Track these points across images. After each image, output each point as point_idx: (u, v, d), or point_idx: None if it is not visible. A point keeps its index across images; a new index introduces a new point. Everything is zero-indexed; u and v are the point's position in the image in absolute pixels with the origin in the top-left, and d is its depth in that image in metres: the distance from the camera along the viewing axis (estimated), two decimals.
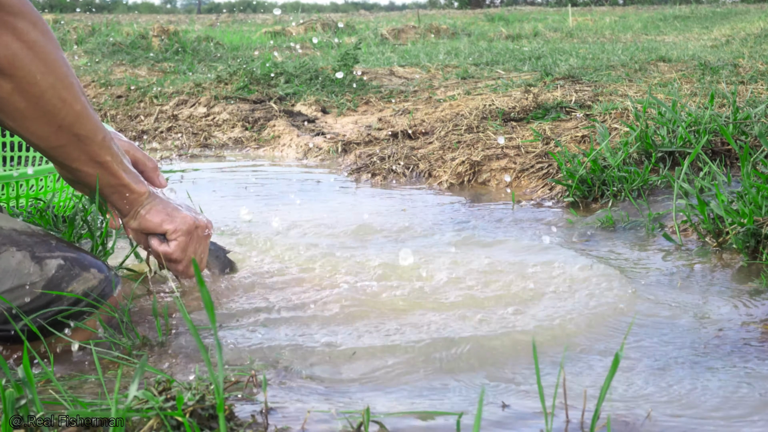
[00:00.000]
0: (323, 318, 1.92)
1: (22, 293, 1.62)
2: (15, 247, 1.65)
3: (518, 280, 2.10)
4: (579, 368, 1.61)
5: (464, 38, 12.55)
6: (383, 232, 2.70)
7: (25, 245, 1.67)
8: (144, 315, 1.97)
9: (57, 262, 1.68)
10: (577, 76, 5.36)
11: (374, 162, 3.86)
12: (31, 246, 1.67)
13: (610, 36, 11.80)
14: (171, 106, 5.76)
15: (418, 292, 2.04)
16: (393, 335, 1.79)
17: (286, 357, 1.69)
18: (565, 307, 1.90)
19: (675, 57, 6.48)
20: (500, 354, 1.68)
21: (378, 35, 12.83)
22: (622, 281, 2.09)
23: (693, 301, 1.99)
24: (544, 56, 7.34)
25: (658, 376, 1.56)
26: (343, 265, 2.31)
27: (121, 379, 1.59)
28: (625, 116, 3.79)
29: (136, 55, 8.80)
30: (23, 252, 1.65)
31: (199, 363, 1.65)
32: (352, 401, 1.48)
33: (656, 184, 2.92)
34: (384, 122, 4.77)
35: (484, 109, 4.39)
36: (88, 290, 1.69)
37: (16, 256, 1.64)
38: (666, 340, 1.74)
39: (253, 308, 2.00)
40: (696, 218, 2.51)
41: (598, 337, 1.76)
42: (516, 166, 3.45)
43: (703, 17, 16.52)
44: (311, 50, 10.54)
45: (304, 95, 5.77)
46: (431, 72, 6.74)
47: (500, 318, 1.85)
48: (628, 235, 2.60)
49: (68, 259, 1.70)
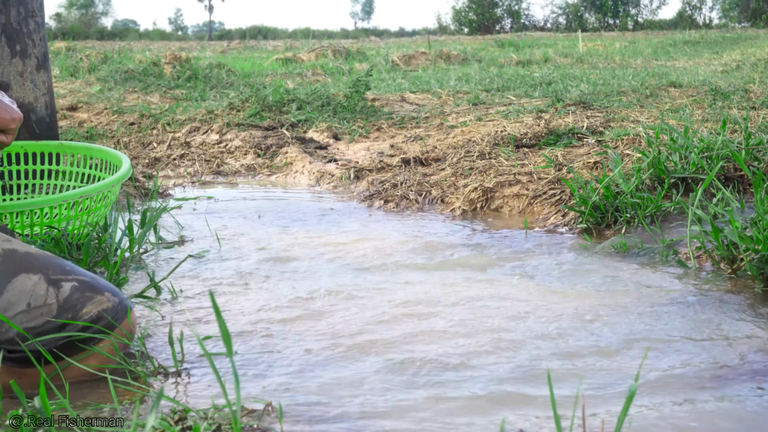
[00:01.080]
0: (343, 348, 1.92)
1: (37, 315, 1.63)
2: (31, 270, 1.67)
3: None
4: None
5: (475, 64, 12.58)
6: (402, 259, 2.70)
7: (40, 268, 1.69)
8: (158, 342, 1.97)
9: (71, 284, 1.70)
10: (589, 102, 5.37)
11: (387, 189, 3.87)
12: (46, 269, 1.69)
13: (621, 61, 11.81)
14: (183, 133, 5.79)
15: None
16: (415, 371, 1.78)
17: (302, 387, 1.68)
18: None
19: (686, 82, 6.48)
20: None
21: (389, 61, 12.87)
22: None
23: (710, 327, 1.98)
24: (554, 82, 7.35)
25: (673, 403, 1.55)
26: (362, 297, 2.31)
27: (136, 406, 1.59)
28: (637, 142, 3.79)
29: (148, 82, 8.84)
30: (38, 275, 1.67)
31: (214, 391, 1.65)
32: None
33: (669, 210, 2.92)
34: (396, 149, 4.78)
35: (496, 136, 4.40)
36: (102, 312, 1.70)
37: (32, 278, 1.66)
38: (685, 361, 1.74)
39: (267, 335, 2.00)
40: (710, 244, 2.51)
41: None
42: (528, 193, 3.45)
43: (713, 42, 16.54)
44: (322, 77, 10.57)
45: (315, 122, 5.79)
46: (442, 98, 6.75)
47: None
48: (642, 261, 2.60)
49: (82, 282, 1.72)
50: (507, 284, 2.40)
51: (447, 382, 1.69)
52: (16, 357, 1.64)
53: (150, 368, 1.77)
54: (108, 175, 3.01)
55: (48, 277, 1.68)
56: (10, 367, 1.64)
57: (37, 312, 1.64)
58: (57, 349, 1.65)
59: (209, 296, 2.07)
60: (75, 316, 1.67)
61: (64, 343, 1.66)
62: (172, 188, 4.31)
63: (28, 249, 1.73)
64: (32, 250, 1.74)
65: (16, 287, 1.64)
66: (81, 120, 6.47)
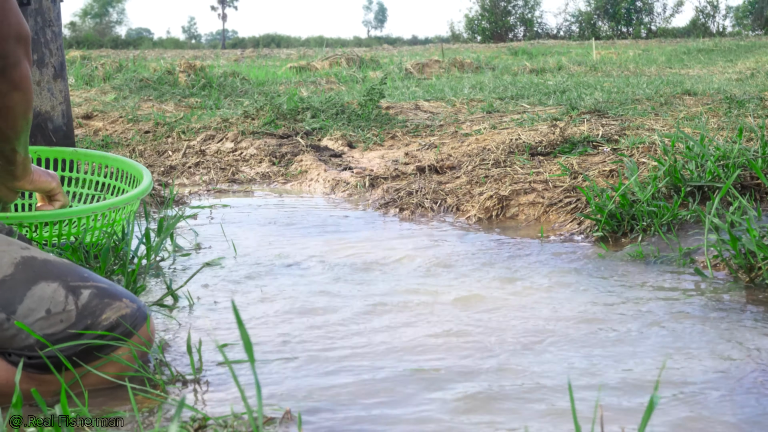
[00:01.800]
0: (362, 355, 1.92)
1: (56, 321, 1.65)
2: (50, 277, 1.69)
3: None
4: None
5: (488, 72, 12.59)
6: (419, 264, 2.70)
7: (59, 275, 1.71)
8: (176, 349, 1.98)
9: (90, 291, 1.71)
10: (603, 110, 5.36)
11: (402, 196, 3.87)
12: (64, 276, 1.71)
13: (634, 69, 11.80)
14: (198, 141, 5.81)
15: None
16: (436, 381, 1.78)
17: (321, 396, 1.68)
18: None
19: (700, 90, 6.47)
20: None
21: (402, 69, 12.89)
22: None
23: (728, 336, 1.97)
24: (568, 90, 7.35)
25: (695, 412, 1.54)
26: (385, 303, 2.31)
27: (153, 415, 1.59)
28: (652, 150, 3.79)
29: (163, 91, 8.87)
30: (57, 282, 1.69)
31: (233, 398, 1.66)
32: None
33: (686, 219, 2.91)
34: (410, 156, 4.78)
35: (511, 144, 4.40)
36: (120, 318, 1.71)
37: (51, 285, 1.68)
38: (703, 370, 1.73)
39: (284, 342, 2.01)
40: (727, 253, 2.50)
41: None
42: (544, 201, 3.45)
43: (727, 50, 16.50)
44: (336, 85, 10.60)
45: (330, 130, 5.80)
46: (456, 106, 6.76)
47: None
48: (659, 270, 2.59)
49: (100, 288, 1.73)
50: (522, 292, 2.40)
51: (474, 392, 1.69)
52: (35, 363, 1.65)
53: (168, 375, 1.78)
54: (124, 184, 3.02)
55: (67, 284, 1.70)
56: (30, 374, 1.65)
57: (56, 318, 1.65)
58: (76, 356, 1.66)
59: (231, 306, 2.07)
60: (94, 322, 1.68)
61: (83, 349, 1.67)
62: (188, 196, 4.33)
63: (47, 256, 1.75)
64: (50, 257, 1.75)
65: (36, 294, 1.66)
66: (96, 128, 6.50)
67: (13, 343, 1.64)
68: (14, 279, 1.66)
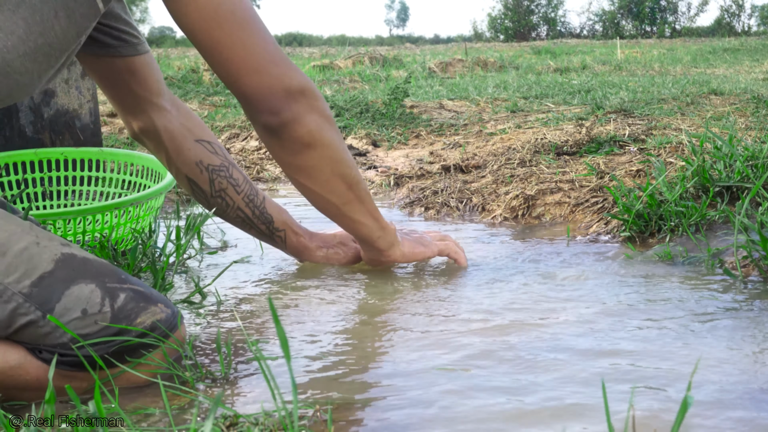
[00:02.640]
0: (392, 353, 1.92)
1: (91, 322, 1.65)
2: (88, 277, 1.69)
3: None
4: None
5: (512, 71, 12.56)
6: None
7: (97, 276, 1.71)
8: (205, 347, 1.99)
9: (126, 294, 1.71)
10: (629, 110, 5.34)
11: (427, 196, 3.87)
12: (102, 276, 1.71)
13: (659, 69, 11.74)
14: (223, 139, 5.82)
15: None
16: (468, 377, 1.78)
17: (353, 394, 1.69)
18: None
19: (727, 90, 6.43)
20: None
21: (426, 68, 12.88)
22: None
23: (759, 338, 1.96)
24: (593, 89, 7.32)
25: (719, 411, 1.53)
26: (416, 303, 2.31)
27: (183, 412, 1.60)
28: (680, 150, 3.77)
29: (187, 89, 8.90)
30: (95, 282, 1.69)
31: (263, 396, 1.66)
32: None
33: (714, 219, 2.89)
34: (435, 156, 4.78)
35: (536, 143, 4.39)
36: (155, 323, 1.72)
37: (89, 286, 1.68)
38: (734, 373, 1.72)
39: (313, 341, 2.01)
40: (757, 254, 2.49)
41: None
42: (570, 200, 3.44)
43: (753, 50, 16.39)
44: (360, 83, 10.61)
45: (354, 129, 5.80)
46: (480, 105, 6.74)
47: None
48: (687, 271, 2.58)
49: (137, 292, 1.73)
50: (550, 292, 2.39)
51: (496, 403, 1.68)
52: (67, 361, 1.66)
53: (198, 374, 1.78)
54: (149, 181, 3.04)
55: (104, 285, 1.70)
56: (62, 371, 1.66)
57: (91, 319, 1.66)
58: (108, 356, 1.67)
59: (267, 302, 2.09)
60: (128, 325, 1.69)
61: (115, 350, 1.67)
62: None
63: (86, 255, 1.75)
64: (89, 256, 1.76)
65: (74, 293, 1.66)
66: (121, 126, 6.54)
67: (46, 340, 1.65)
68: (53, 276, 1.67)
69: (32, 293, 1.64)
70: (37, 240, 1.70)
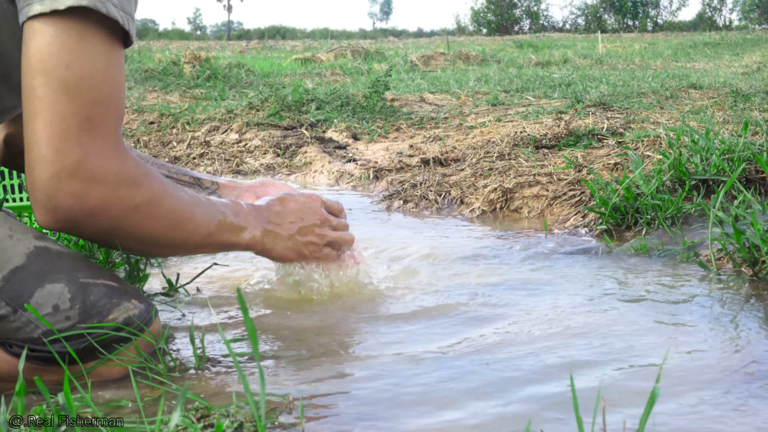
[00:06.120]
0: (370, 349, 1.92)
1: (62, 318, 1.63)
2: (61, 271, 1.67)
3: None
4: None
5: (493, 65, 12.58)
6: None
7: (70, 270, 1.68)
8: (178, 340, 1.98)
9: (99, 289, 1.69)
10: (608, 103, 5.36)
11: (406, 189, 3.87)
12: (75, 271, 1.69)
13: (640, 63, 11.79)
14: (203, 132, 5.81)
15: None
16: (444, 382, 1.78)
17: (328, 388, 1.68)
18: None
19: (706, 84, 6.46)
20: None
21: (407, 62, 12.88)
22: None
23: (731, 329, 1.97)
24: (574, 83, 7.34)
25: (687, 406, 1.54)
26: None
27: (156, 404, 1.60)
28: (657, 144, 3.78)
29: (168, 82, 8.88)
30: (68, 277, 1.66)
31: (236, 389, 1.66)
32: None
33: (690, 212, 2.91)
34: (415, 149, 4.78)
35: (516, 136, 4.40)
36: (127, 319, 1.70)
37: (62, 281, 1.66)
38: (705, 364, 1.73)
39: (280, 337, 2.01)
40: (731, 247, 2.50)
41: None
42: (548, 194, 3.45)
43: (734, 44, 16.47)
44: (341, 77, 10.59)
45: (335, 122, 5.80)
46: (461, 99, 6.75)
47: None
48: (662, 263, 2.59)
49: (110, 287, 1.71)
50: (530, 286, 2.40)
51: (483, 384, 1.69)
52: (38, 356, 1.64)
53: (171, 366, 1.78)
54: None
55: (77, 281, 1.67)
56: (33, 365, 1.65)
57: (62, 315, 1.64)
58: (79, 353, 1.65)
59: (237, 295, 2.08)
60: (100, 321, 1.67)
61: (86, 346, 1.66)
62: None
63: (60, 248, 1.72)
64: (64, 250, 1.72)
65: (46, 289, 1.63)
66: None
67: (17, 335, 1.64)
68: (26, 271, 1.64)
69: (3, 288, 1.61)
70: (10, 233, 1.68)
